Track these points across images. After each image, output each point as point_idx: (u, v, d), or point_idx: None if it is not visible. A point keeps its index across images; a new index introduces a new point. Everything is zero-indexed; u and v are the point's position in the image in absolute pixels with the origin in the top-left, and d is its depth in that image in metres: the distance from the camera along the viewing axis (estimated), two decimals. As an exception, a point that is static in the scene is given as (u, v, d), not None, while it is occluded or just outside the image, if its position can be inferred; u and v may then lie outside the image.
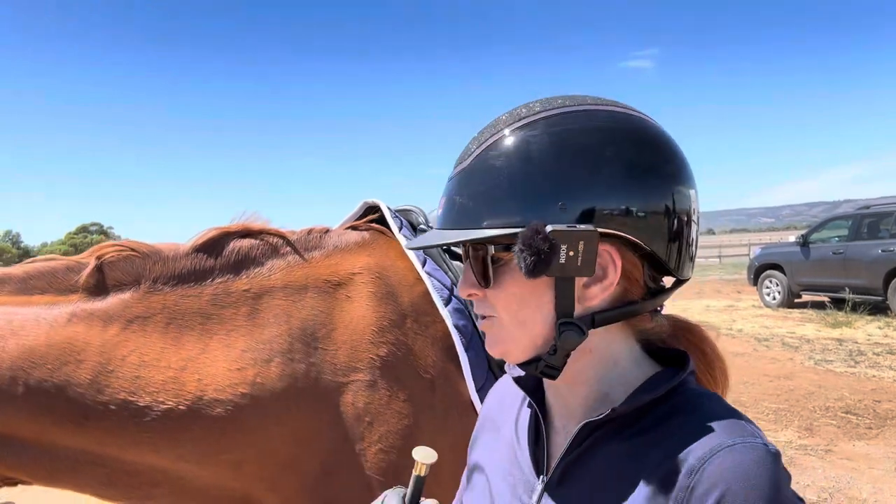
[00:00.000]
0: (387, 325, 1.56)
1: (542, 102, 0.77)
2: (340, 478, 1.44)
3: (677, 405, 0.71)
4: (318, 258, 1.64)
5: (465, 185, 0.76)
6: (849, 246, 11.99)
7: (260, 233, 1.61)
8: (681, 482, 0.63)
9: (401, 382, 1.52)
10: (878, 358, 8.34)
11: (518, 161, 0.73)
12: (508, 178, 0.72)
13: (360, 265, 1.65)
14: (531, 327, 0.75)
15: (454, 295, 1.73)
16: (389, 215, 1.87)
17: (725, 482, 0.60)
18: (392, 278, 1.68)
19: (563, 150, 0.72)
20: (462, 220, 0.75)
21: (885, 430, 5.60)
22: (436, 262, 1.80)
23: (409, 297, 1.67)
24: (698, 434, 0.65)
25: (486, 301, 0.77)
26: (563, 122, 0.74)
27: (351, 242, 1.73)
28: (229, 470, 1.37)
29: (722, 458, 0.62)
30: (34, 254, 29.36)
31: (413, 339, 1.60)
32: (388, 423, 1.47)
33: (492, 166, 0.74)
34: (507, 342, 0.77)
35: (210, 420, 1.33)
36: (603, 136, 0.73)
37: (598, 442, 0.74)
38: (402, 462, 1.45)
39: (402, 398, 1.51)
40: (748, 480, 0.60)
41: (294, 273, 1.56)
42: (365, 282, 1.62)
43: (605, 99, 0.79)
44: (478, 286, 0.77)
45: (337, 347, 1.49)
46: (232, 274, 1.50)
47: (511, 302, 0.75)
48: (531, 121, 0.75)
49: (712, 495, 0.60)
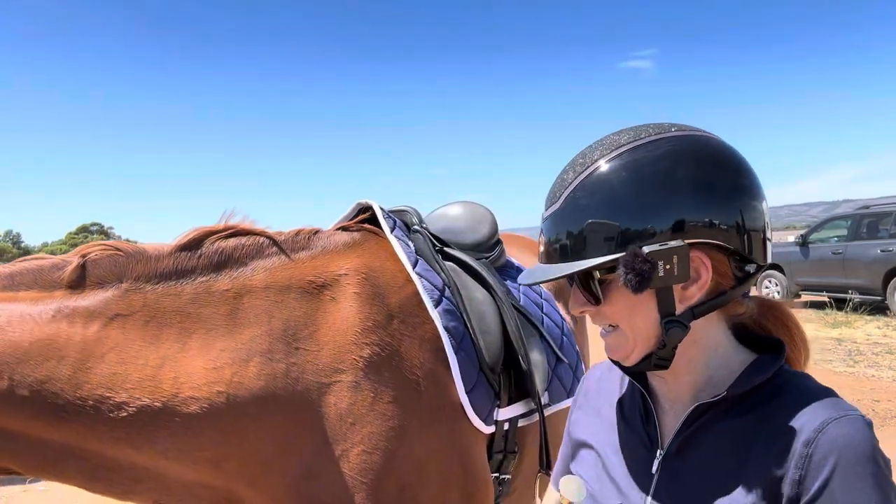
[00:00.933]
0: (371, 326, 1.56)
1: (606, 145, 0.91)
2: (324, 478, 1.43)
3: (777, 386, 0.86)
4: (304, 259, 1.63)
5: (561, 225, 0.90)
6: (848, 246, 11.98)
7: (246, 233, 1.61)
8: (799, 451, 0.77)
9: (386, 384, 1.51)
10: (877, 358, 8.33)
11: (602, 199, 0.87)
12: (599, 212, 0.87)
13: (346, 266, 1.64)
14: (643, 330, 0.89)
15: (445, 296, 1.72)
16: (382, 216, 1.86)
17: (839, 450, 0.75)
18: (380, 279, 1.67)
19: (640, 182, 0.86)
20: (562, 255, 0.89)
21: (884, 430, 5.58)
22: (428, 263, 1.79)
23: (397, 298, 1.66)
24: (806, 410, 0.80)
25: (600, 315, 0.92)
26: (633, 156, 0.88)
27: (339, 243, 1.72)
28: (210, 468, 1.38)
29: (833, 430, 0.76)
30: (34, 253, 29.44)
31: (399, 340, 1.59)
32: (372, 425, 1.46)
33: (580, 205, 0.88)
34: (625, 347, 0.91)
35: (186, 417, 1.34)
36: (669, 162, 0.87)
37: (710, 420, 0.88)
38: (386, 464, 1.45)
39: (387, 399, 1.50)
40: (856, 447, 0.75)
41: (278, 274, 1.56)
42: (351, 283, 1.61)
43: (665, 125, 0.92)
44: (588, 304, 0.92)
45: (320, 348, 1.49)
46: (214, 273, 1.50)
47: (621, 312, 0.90)
48: (605, 161, 0.89)
49: (830, 460, 0.75)
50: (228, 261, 1.53)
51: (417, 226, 1.92)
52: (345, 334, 1.52)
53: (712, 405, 0.87)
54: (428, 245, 1.83)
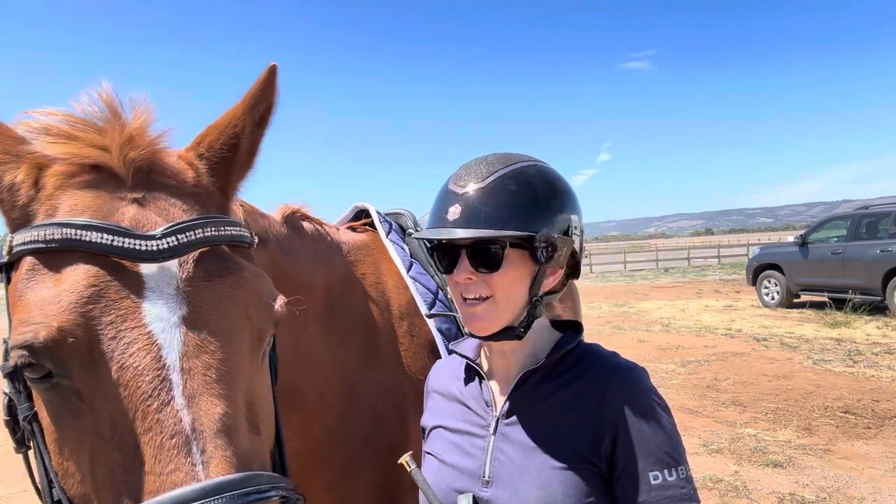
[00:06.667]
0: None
1: (520, 155, 1.19)
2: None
3: (579, 354, 1.19)
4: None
5: (488, 198, 1.11)
6: (847, 246, 11.99)
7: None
8: (604, 396, 1.10)
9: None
10: (876, 358, 8.34)
11: (527, 190, 1.13)
12: (523, 199, 1.12)
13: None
14: (516, 303, 1.15)
15: (438, 299, 1.79)
16: (378, 219, 1.91)
17: (630, 392, 1.10)
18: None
19: (551, 186, 1.16)
20: (488, 222, 1.10)
21: (883, 430, 5.59)
22: (423, 266, 1.84)
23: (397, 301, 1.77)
24: (604, 368, 1.15)
25: (482, 284, 1.13)
26: (544, 168, 1.18)
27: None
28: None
29: (621, 375, 1.12)
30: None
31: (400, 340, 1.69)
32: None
33: (509, 189, 1.12)
34: (493, 316, 1.14)
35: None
36: (562, 182, 1.19)
37: (534, 384, 1.18)
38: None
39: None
40: (641, 387, 1.11)
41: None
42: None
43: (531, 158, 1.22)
44: (478, 272, 1.12)
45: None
46: None
47: (507, 283, 1.13)
48: (525, 164, 1.16)
49: (625, 398, 1.09)
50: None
51: (413, 229, 1.97)
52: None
53: (535, 371, 1.17)
54: (423, 249, 1.89)
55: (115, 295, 0.85)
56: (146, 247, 0.88)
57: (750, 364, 8.36)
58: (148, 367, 0.82)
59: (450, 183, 1.18)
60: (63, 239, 0.87)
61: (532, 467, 1.09)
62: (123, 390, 0.81)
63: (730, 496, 4.36)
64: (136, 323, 0.84)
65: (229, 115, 1.08)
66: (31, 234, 0.89)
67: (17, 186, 0.93)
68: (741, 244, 38.31)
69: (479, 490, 1.13)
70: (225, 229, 0.99)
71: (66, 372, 0.83)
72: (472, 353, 1.30)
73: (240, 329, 0.94)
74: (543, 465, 1.08)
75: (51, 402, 0.87)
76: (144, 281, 0.88)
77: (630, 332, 11.26)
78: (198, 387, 0.84)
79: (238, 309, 0.94)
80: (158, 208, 0.95)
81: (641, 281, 23.92)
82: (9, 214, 0.95)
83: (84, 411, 0.84)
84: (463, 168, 1.19)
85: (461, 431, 1.21)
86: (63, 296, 0.83)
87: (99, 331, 0.83)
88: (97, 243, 0.86)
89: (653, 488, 1.03)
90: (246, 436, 0.87)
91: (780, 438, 5.50)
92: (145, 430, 0.80)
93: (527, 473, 1.09)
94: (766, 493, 4.40)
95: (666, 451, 1.06)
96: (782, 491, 4.42)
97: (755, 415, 6.19)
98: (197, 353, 0.86)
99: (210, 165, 1.07)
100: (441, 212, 1.16)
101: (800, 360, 8.42)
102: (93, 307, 0.83)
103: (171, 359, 0.84)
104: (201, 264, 0.93)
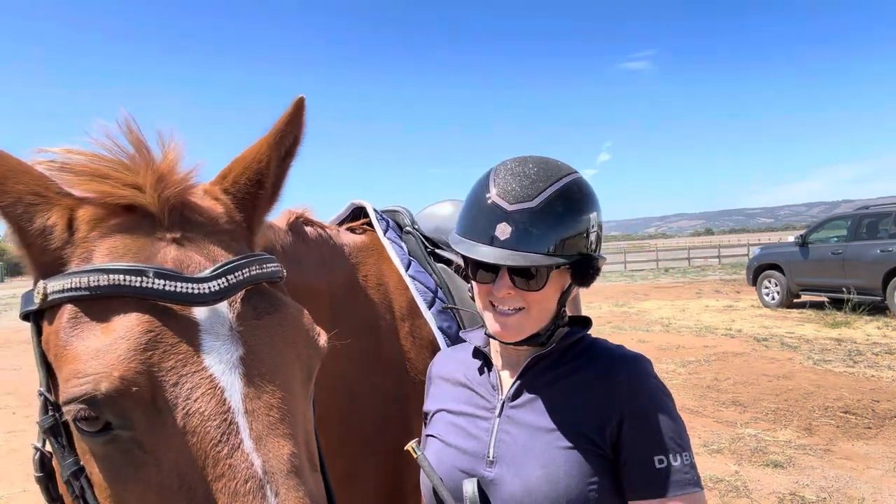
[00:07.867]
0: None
1: (559, 165, 1.22)
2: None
3: (585, 345, 1.26)
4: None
5: (539, 221, 1.15)
6: (848, 246, 11.98)
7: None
8: (611, 384, 1.15)
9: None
10: (876, 358, 8.34)
11: (575, 214, 1.18)
12: (572, 222, 1.17)
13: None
14: (547, 314, 1.22)
15: (438, 297, 1.78)
16: (375, 217, 1.90)
17: (637, 380, 1.15)
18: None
19: (590, 204, 1.21)
20: (541, 246, 1.14)
21: (883, 430, 5.59)
22: (421, 265, 1.83)
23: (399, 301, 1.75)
24: (610, 358, 1.21)
25: (519, 297, 1.18)
26: (577, 184, 1.21)
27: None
28: None
29: (627, 365, 1.18)
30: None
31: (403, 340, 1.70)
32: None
33: (558, 212, 1.16)
34: (525, 327, 1.19)
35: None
36: (593, 199, 1.23)
37: (540, 370, 1.23)
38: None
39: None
40: (647, 375, 1.17)
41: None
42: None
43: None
44: (514, 288, 1.17)
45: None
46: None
47: (543, 298, 1.19)
48: (569, 178, 1.20)
49: (632, 386, 1.14)
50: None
51: (410, 227, 1.96)
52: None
53: (543, 356, 1.23)
54: (420, 247, 1.88)
55: (172, 340, 0.82)
56: (198, 290, 0.85)
57: (750, 364, 8.36)
58: (214, 411, 0.80)
59: (493, 194, 1.18)
60: (110, 285, 0.83)
61: (536, 447, 1.13)
62: (191, 437, 0.78)
63: (730, 496, 4.36)
64: (196, 367, 0.81)
65: (254, 150, 1.04)
66: (71, 281, 0.84)
67: (50, 230, 0.88)
68: (741, 244, 38.28)
69: (484, 470, 1.16)
70: (266, 266, 0.97)
71: (128, 423, 0.79)
72: (482, 342, 1.34)
73: (292, 366, 0.91)
74: (548, 446, 1.12)
75: (107, 457, 0.82)
76: (198, 324, 0.85)
77: (630, 332, 11.26)
78: (263, 428, 0.81)
79: (289, 346, 0.92)
80: (198, 248, 0.92)
81: (642, 281, 23.91)
82: (39, 259, 0.89)
83: (147, 463, 0.80)
84: (504, 176, 1.19)
85: (466, 414, 1.25)
86: (119, 343, 0.79)
87: (161, 378, 0.79)
88: (148, 288, 0.83)
89: (658, 472, 1.07)
90: (310, 474, 0.85)
91: (781, 438, 5.50)
92: (217, 476, 0.77)
93: (531, 453, 1.13)
94: (767, 493, 4.40)
95: (671, 436, 1.10)
96: (782, 491, 4.42)
97: (755, 415, 6.19)
98: (258, 394, 0.84)
99: (235, 200, 1.04)
100: (487, 227, 1.17)
101: (800, 361, 8.42)
102: (151, 353, 0.80)
103: (234, 401, 0.81)
104: (248, 303, 0.90)
